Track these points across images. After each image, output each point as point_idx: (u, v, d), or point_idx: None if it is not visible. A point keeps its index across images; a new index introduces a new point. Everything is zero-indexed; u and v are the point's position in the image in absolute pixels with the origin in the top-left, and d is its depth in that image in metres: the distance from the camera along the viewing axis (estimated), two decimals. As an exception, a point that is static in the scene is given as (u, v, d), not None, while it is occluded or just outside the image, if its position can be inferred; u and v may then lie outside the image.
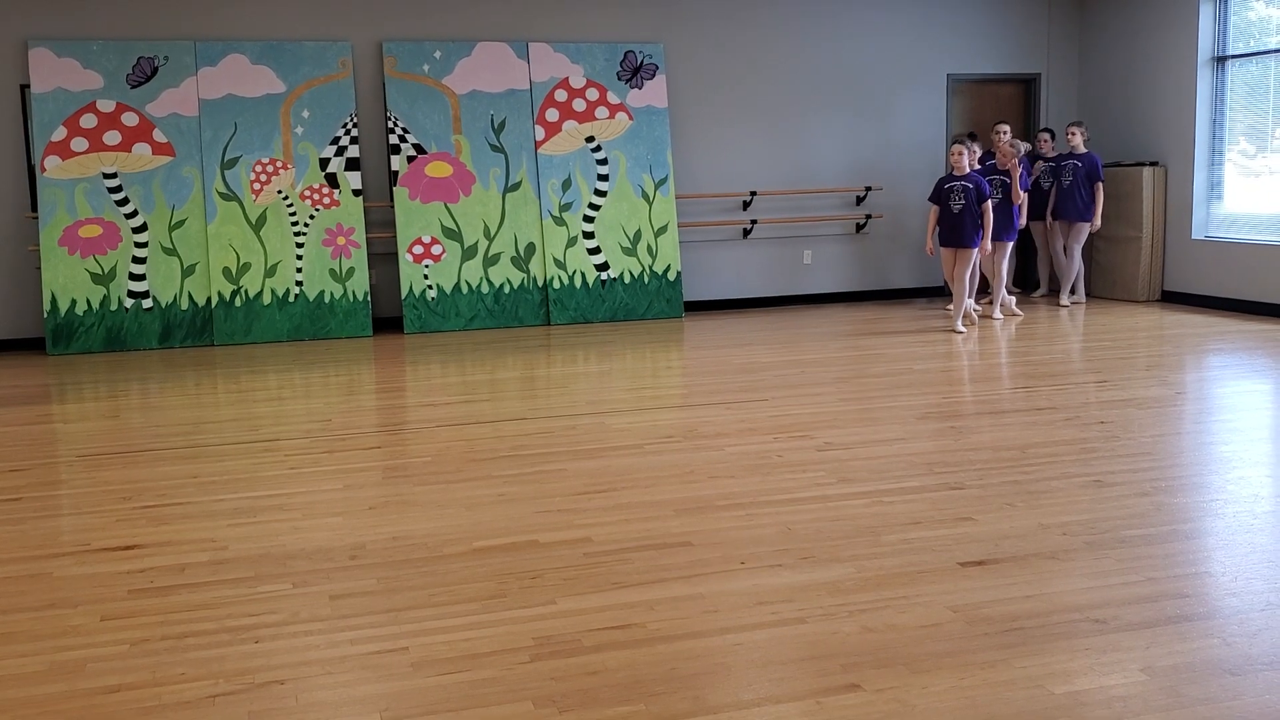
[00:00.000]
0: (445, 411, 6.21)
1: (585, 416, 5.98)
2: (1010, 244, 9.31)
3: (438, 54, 9.48)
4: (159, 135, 8.90)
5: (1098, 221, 9.84)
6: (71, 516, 4.43)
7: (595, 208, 9.76)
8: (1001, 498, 4.35)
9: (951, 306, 8.95)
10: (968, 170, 8.65)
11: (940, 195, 8.74)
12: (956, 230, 8.63)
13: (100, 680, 2.95)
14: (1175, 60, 9.91)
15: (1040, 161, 10.13)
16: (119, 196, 8.80)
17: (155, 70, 8.91)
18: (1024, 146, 9.39)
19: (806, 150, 10.52)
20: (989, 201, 8.62)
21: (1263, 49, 9.31)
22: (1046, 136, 10.29)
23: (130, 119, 8.83)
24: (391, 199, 9.40)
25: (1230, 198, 9.74)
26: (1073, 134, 9.88)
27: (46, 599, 3.53)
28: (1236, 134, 9.66)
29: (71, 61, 8.75)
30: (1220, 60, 9.69)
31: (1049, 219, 10.09)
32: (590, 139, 9.77)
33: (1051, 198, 10.04)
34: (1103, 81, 10.81)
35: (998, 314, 9.32)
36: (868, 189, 10.62)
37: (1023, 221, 9.66)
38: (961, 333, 8.57)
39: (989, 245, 8.65)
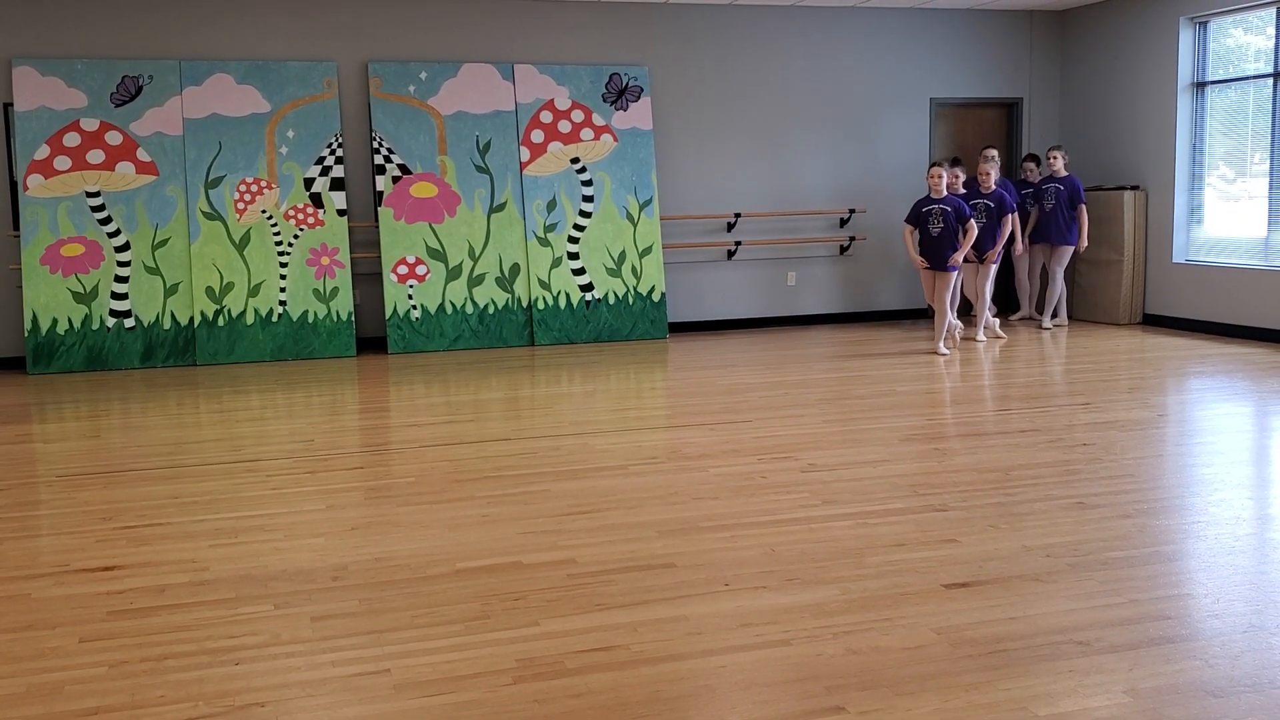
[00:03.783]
0: (429, 432, 6.19)
1: (569, 437, 5.97)
2: (994, 267, 9.36)
3: (423, 75, 9.50)
4: (143, 154, 8.88)
5: (1084, 243, 9.90)
6: (51, 537, 4.40)
7: (580, 229, 9.78)
8: (985, 520, 4.36)
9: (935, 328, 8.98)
10: (945, 193, 8.68)
11: (919, 218, 8.77)
12: (936, 253, 8.66)
13: (79, 703, 2.92)
14: (1155, 86, 10.01)
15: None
16: (102, 215, 8.77)
17: (140, 89, 8.90)
18: (963, 175, 9.32)
19: (791, 172, 10.57)
20: (971, 220, 8.65)
21: (1241, 75, 9.41)
22: (1032, 165, 10.35)
23: (114, 138, 8.81)
24: (376, 219, 9.40)
25: (1210, 222, 9.82)
26: (1054, 158, 9.95)
27: (25, 620, 3.50)
28: (1216, 159, 9.75)
29: (55, 80, 8.73)
30: (1200, 86, 9.78)
31: (1027, 241, 10.14)
32: (575, 160, 9.80)
33: (1032, 221, 10.10)
34: (1084, 106, 10.90)
35: (981, 336, 9.36)
36: (851, 211, 10.67)
37: (1019, 248, 9.72)
38: (945, 354, 8.59)
39: (959, 259, 8.64)
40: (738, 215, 10.36)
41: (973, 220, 8.67)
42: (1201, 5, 9.51)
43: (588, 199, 9.81)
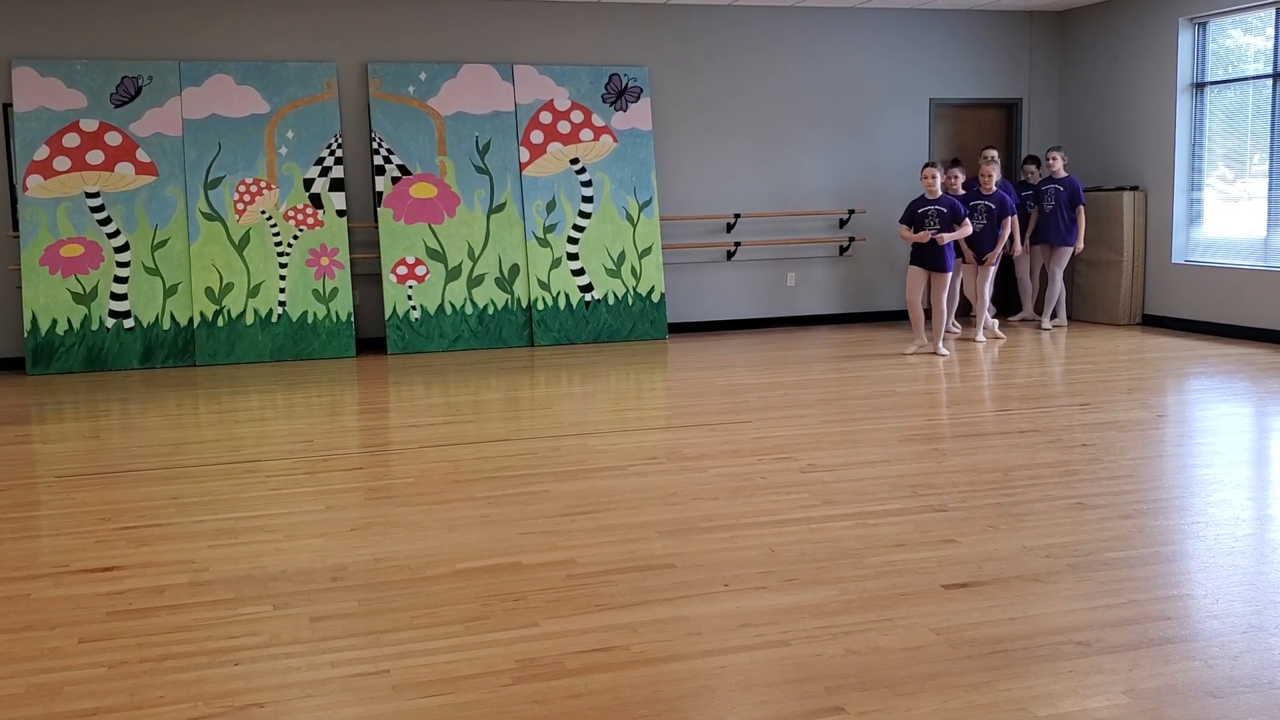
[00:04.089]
0: (428, 432, 6.19)
1: (569, 438, 5.97)
2: (994, 268, 9.35)
3: (423, 75, 9.50)
4: (142, 155, 8.88)
5: (1080, 245, 9.89)
6: (50, 537, 4.40)
7: (579, 229, 9.78)
8: (984, 520, 4.36)
9: (933, 329, 8.94)
10: (940, 194, 8.60)
11: (914, 219, 8.67)
12: (933, 254, 8.62)
13: (78, 703, 2.91)
14: (1155, 86, 10.01)
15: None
16: (101, 216, 8.77)
17: (139, 90, 8.90)
18: (961, 176, 9.41)
19: (790, 173, 10.57)
20: (967, 220, 8.61)
21: (1240, 75, 9.42)
22: (1033, 168, 10.35)
23: (113, 138, 8.80)
24: (376, 220, 9.40)
25: (1209, 222, 9.83)
26: (1053, 159, 9.95)
27: (24, 620, 3.50)
28: (1215, 159, 9.76)
29: (55, 81, 8.73)
30: (1199, 86, 9.79)
31: (1027, 243, 10.14)
32: (575, 161, 9.80)
33: (1032, 222, 10.10)
34: (1084, 107, 10.91)
35: (980, 337, 9.36)
36: (851, 212, 10.67)
37: (1017, 249, 9.69)
38: (945, 355, 8.59)
39: (945, 239, 8.48)
40: (737, 216, 10.36)
41: (968, 219, 8.64)
42: (1201, 6, 9.51)
43: (587, 199, 9.81)
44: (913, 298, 8.78)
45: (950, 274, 8.68)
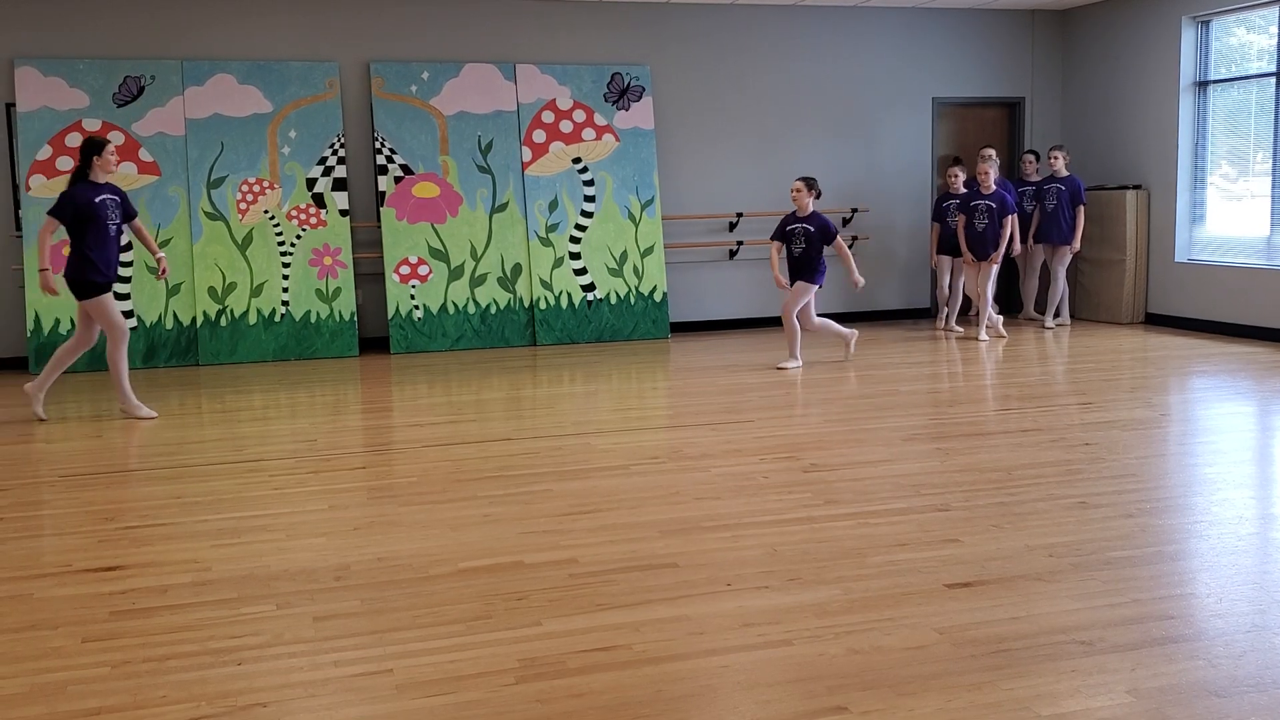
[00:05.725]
0: (431, 432, 6.19)
1: (571, 437, 5.97)
2: (996, 267, 9.35)
3: (425, 75, 9.50)
4: (145, 154, 8.89)
5: (1077, 244, 9.87)
6: (53, 537, 4.40)
7: (582, 229, 9.78)
8: (987, 519, 4.36)
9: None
10: (810, 210, 8.13)
11: (783, 236, 8.18)
12: (807, 268, 8.10)
13: (81, 703, 2.92)
14: (1158, 85, 10.00)
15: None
16: (104, 216, 8.77)
17: (142, 89, 8.91)
18: (962, 175, 9.74)
19: (793, 172, 10.51)
20: (838, 239, 8.10)
21: (1244, 74, 9.40)
22: (1031, 159, 10.36)
23: (116, 138, 8.80)
24: (378, 219, 9.40)
25: (1212, 221, 9.81)
26: (1055, 158, 9.93)
27: (27, 620, 3.50)
28: (1218, 158, 9.74)
29: (58, 80, 8.74)
30: (1202, 85, 9.77)
31: (1030, 242, 10.13)
32: (577, 160, 9.80)
33: (1034, 221, 10.08)
34: (1086, 105, 10.89)
35: (983, 335, 9.36)
36: (854, 210, 10.66)
37: (1017, 248, 9.64)
38: (787, 368, 8.08)
39: (800, 292, 8.04)
40: (739, 215, 10.36)
41: (839, 239, 8.14)
42: (1204, 4, 9.50)
43: (589, 199, 9.81)
44: (788, 308, 8.15)
45: (815, 288, 8.13)
